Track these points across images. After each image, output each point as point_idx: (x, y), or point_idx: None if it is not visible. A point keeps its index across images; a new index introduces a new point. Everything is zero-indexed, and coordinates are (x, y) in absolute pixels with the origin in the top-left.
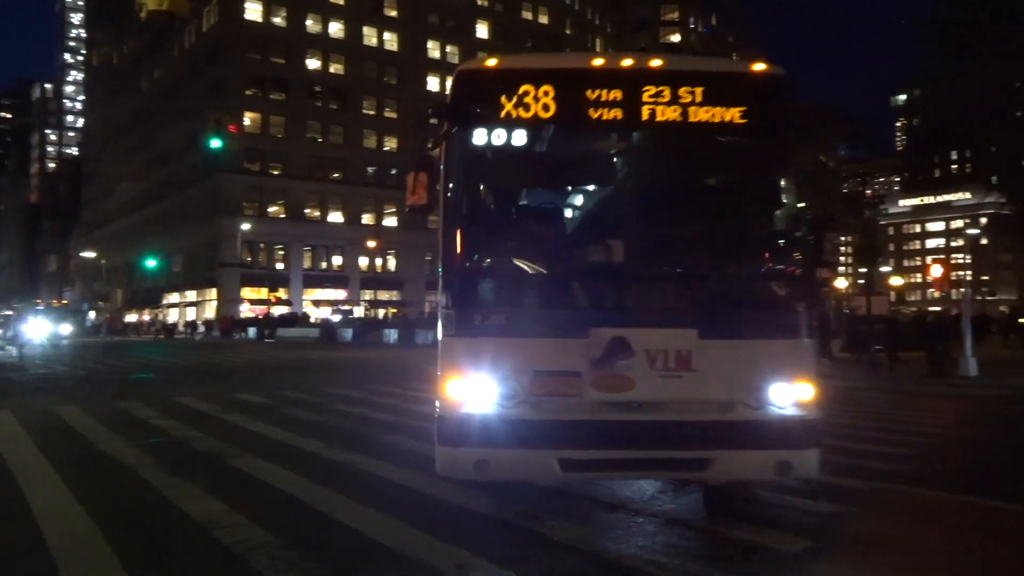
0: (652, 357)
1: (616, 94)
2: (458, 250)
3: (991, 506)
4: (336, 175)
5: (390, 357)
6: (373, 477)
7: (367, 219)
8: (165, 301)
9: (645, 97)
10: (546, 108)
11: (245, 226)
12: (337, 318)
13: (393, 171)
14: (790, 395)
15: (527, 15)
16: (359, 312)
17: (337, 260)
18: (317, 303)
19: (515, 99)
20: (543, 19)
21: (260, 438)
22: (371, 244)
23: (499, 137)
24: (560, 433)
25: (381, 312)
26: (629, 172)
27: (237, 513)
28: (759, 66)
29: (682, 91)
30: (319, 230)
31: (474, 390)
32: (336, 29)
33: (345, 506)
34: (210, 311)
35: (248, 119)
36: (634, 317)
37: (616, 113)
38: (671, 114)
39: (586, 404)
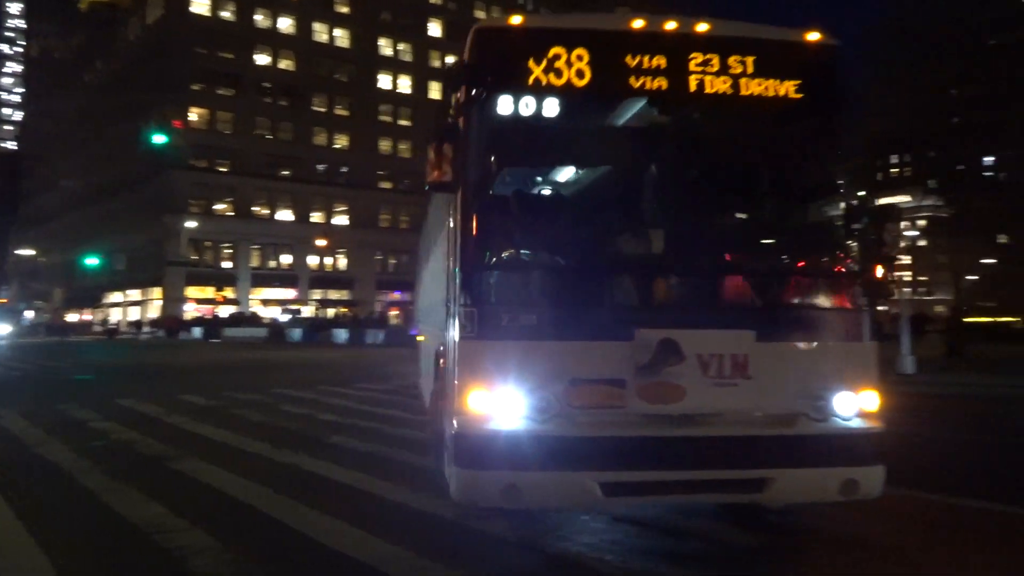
0: (705, 363)
1: (660, 61)
2: (480, 238)
3: (957, 504)
4: (285, 172)
5: (339, 357)
6: (320, 479)
7: (317, 217)
8: (107, 300)
9: (692, 66)
10: (580, 75)
11: (191, 224)
12: (286, 318)
13: (344, 169)
14: (855, 405)
15: (480, 14)
16: (309, 312)
17: (286, 259)
18: (266, 302)
19: (544, 63)
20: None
21: (205, 440)
22: (321, 243)
23: (527, 107)
24: (602, 452)
25: (331, 311)
26: (676, 152)
27: (179, 517)
28: (813, 35)
29: (732, 60)
30: (268, 228)
31: (501, 402)
32: (286, 24)
33: (292, 508)
34: (154, 310)
35: (195, 115)
36: (684, 317)
37: (660, 83)
38: (721, 86)
39: (631, 417)
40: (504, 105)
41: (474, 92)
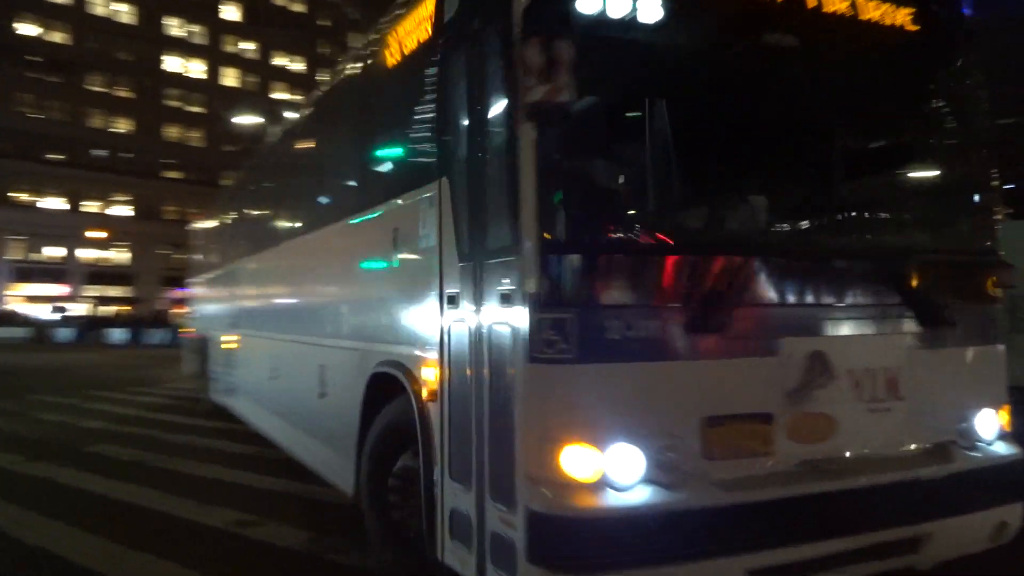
0: (857, 381)
1: None
2: (564, 205)
3: None
4: (56, 156)
5: (114, 359)
6: (82, 493)
7: (93, 207)
8: None
9: None
10: None
11: None
12: (57, 316)
13: (126, 155)
14: (996, 425)
15: (280, 1)
16: (83, 310)
17: (56, 251)
18: (32, 299)
19: None
20: (298, 7)
21: None
22: (97, 234)
23: (617, 7)
24: (755, 524)
25: (110, 309)
26: (809, 92)
27: None
28: None
29: None
30: (32, 217)
31: (613, 462)
32: None
33: (45, 527)
34: None
35: None
36: (831, 318)
37: None
38: (839, 4)
39: (781, 467)
40: (589, 3)
41: None
